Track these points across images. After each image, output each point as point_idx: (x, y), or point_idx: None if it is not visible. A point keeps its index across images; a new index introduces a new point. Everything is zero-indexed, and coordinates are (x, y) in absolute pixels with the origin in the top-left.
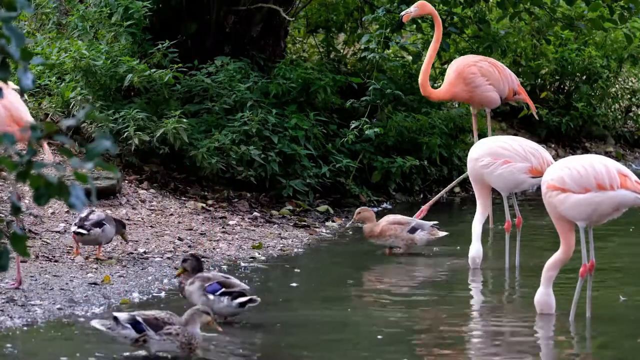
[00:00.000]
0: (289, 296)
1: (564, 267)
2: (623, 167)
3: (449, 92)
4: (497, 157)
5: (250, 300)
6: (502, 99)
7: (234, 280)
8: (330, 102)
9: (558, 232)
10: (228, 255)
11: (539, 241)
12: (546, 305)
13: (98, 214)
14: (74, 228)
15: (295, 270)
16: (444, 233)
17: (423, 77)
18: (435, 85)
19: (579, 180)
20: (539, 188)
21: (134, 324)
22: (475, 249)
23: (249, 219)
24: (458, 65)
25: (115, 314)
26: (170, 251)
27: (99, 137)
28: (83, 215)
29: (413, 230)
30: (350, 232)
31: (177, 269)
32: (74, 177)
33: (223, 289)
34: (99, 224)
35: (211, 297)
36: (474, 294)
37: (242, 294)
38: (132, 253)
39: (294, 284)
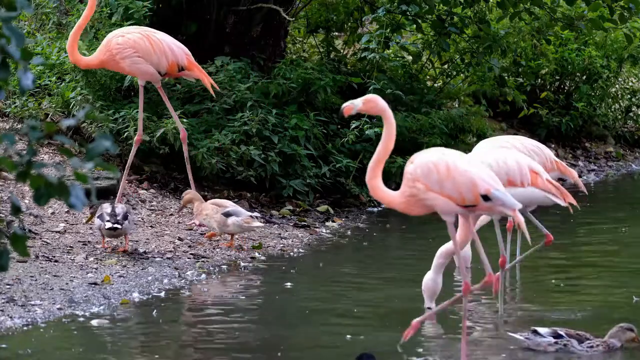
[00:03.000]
0: (288, 296)
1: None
2: (535, 164)
3: (97, 59)
4: None
5: None
6: (164, 74)
7: None
8: (331, 102)
9: (460, 217)
10: (228, 255)
11: (539, 241)
12: (432, 290)
13: (120, 206)
14: (108, 225)
15: (295, 270)
16: (260, 224)
17: (71, 44)
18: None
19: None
20: None
21: (554, 336)
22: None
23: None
24: (109, 35)
25: (536, 328)
26: (170, 251)
27: (99, 137)
28: (108, 210)
29: (227, 214)
30: (350, 232)
31: (177, 269)
32: (74, 177)
33: None
34: (125, 216)
35: None
36: (474, 294)
37: None
38: (132, 253)
39: (294, 284)
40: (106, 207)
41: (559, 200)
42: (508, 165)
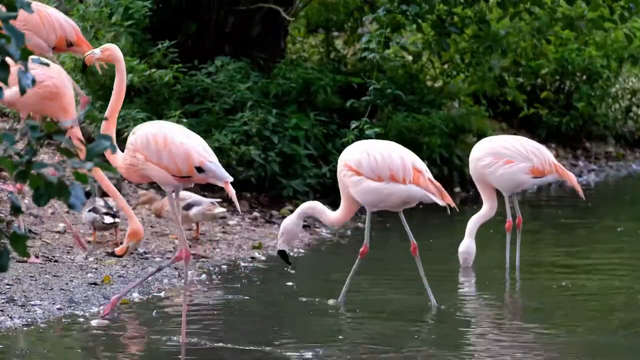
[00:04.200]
0: (288, 296)
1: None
2: (419, 162)
3: None
4: (499, 157)
5: None
6: (53, 48)
7: None
8: (331, 102)
9: (343, 200)
10: (228, 255)
11: (539, 241)
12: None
13: (110, 200)
14: (108, 219)
15: (295, 270)
16: (222, 210)
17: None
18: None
19: (374, 167)
20: (539, 188)
21: None
22: (466, 244)
23: (249, 219)
24: None
25: None
26: (170, 251)
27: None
28: (102, 203)
29: (189, 206)
30: (350, 232)
31: (177, 269)
32: (74, 177)
33: None
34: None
35: None
36: (474, 294)
37: None
38: (132, 253)
39: (294, 284)
40: (99, 201)
41: (438, 199)
42: (392, 159)
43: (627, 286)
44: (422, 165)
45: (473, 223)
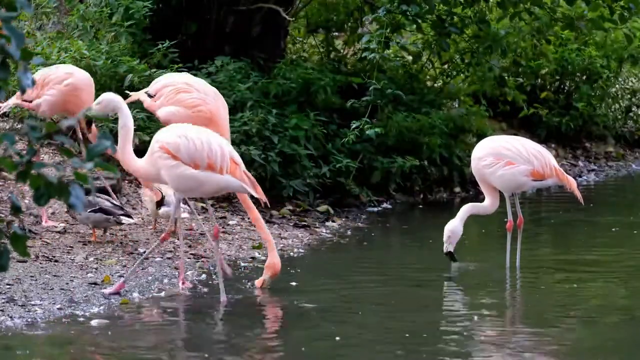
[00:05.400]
0: (288, 296)
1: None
2: (236, 155)
3: None
4: (500, 158)
5: None
6: None
7: None
8: (331, 102)
9: (145, 184)
10: (228, 255)
11: (539, 241)
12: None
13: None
14: (126, 219)
15: (295, 270)
16: (186, 215)
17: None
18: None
19: (192, 153)
20: (539, 190)
21: None
22: (454, 224)
23: (249, 219)
24: None
25: None
26: (170, 251)
27: (99, 137)
28: (108, 204)
29: (160, 204)
30: (350, 232)
31: (177, 269)
32: (74, 177)
33: None
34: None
35: None
36: (474, 294)
37: None
38: (132, 253)
39: (294, 284)
40: (103, 200)
41: (252, 190)
42: (211, 148)
43: (628, 286)
44: (238, 158)
45: (467, 208)
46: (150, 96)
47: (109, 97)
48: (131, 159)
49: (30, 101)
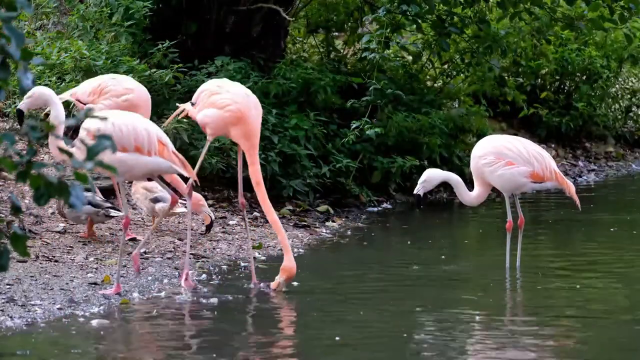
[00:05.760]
0: (288, 296)
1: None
2: (164, 136)
3: None
4: (501, 157)
5: None
6: None
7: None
8: (331, 102)
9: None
10: (228, 255)
11: (539, 241)
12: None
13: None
14: (114, 212)
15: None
16: (183, 209)
17: None
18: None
19: (120, 138)
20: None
21: None
22: (435, 172)
23: (249, 219)
24: None
25: None
26: (170, 251)
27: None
28: (98, 198)
29: (156, 200)
30: (350, 232)
31: (177, 269)
32: (74, 177)
33: None
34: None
35: None
36: (474, 294)
37: None
38: (132, 253)
39: (294, 284)
40: (90, 195)
41: (182, 169)
42: (137, 131)
43: (628, 286)
44: (166, 139)
45: (457, 179)
46: (192, 104)
47: (40, 90)
48: (62, 148)
49: (84, 103)
